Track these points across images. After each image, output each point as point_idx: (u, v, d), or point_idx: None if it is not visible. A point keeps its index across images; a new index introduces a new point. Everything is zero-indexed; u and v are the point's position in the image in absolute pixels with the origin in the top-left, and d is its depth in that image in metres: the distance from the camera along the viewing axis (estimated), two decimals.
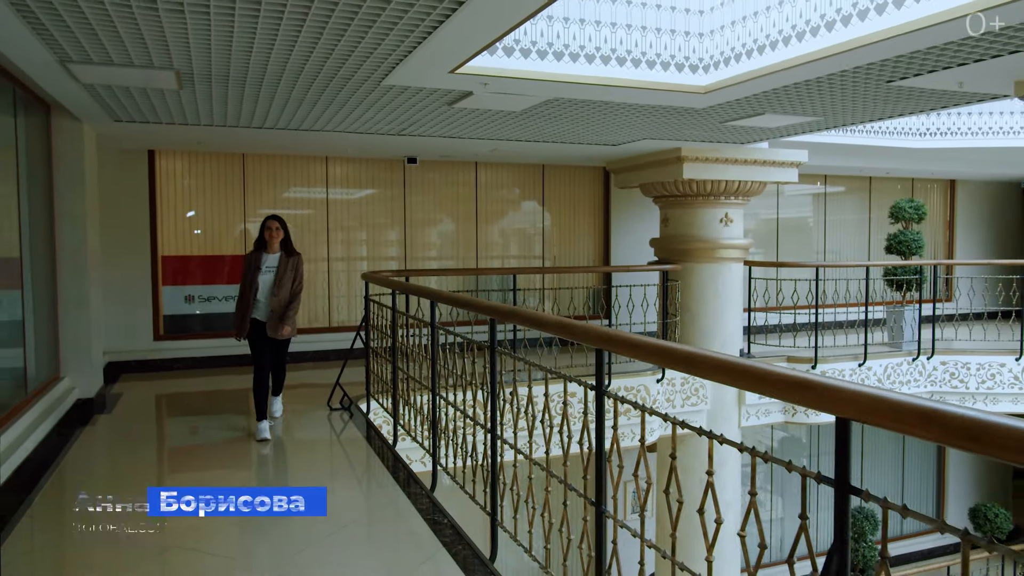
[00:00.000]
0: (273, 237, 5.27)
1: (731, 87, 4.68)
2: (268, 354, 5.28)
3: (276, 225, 5.30)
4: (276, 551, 3.42)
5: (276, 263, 5.26)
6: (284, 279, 5.21)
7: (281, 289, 5.19)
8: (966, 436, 1.24)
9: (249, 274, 5.23)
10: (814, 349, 8.07)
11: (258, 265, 5.23)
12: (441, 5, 3.19)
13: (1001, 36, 3.68)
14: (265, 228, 5.29)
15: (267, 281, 5.22)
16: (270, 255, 5.28)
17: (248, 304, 5.19)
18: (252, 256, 5.31)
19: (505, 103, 5.03)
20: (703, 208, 7.91)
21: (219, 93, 4.90)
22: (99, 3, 3.13)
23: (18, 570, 3.24)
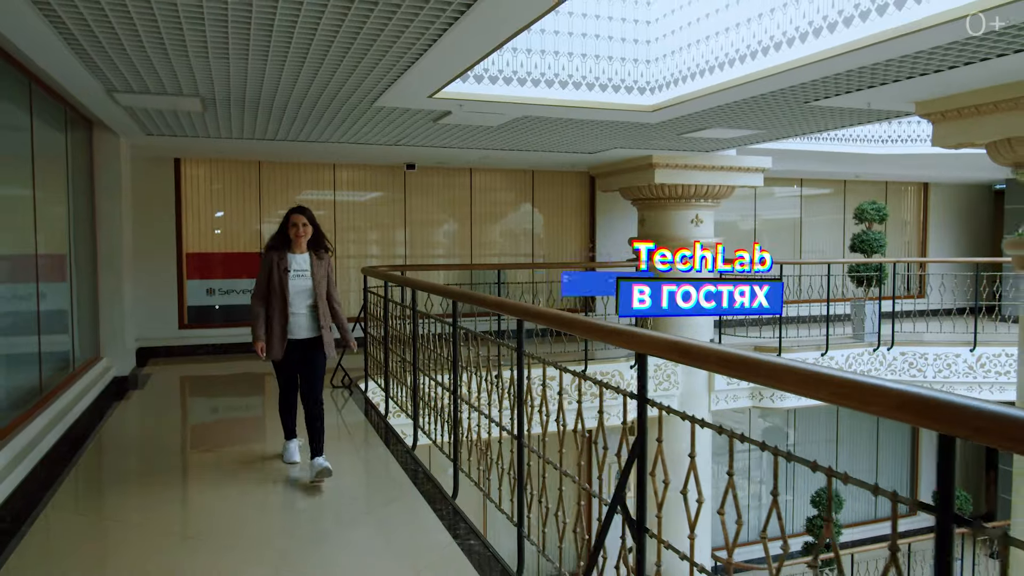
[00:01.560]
0: (300, 236, 4.31)
1: (674, 106, 5.43)
2: (304, 371, 4.32)
3: (303, 220, 4.31)
4: (288, 494, 4.23)
5: (307, 264, 4.31)
6: (321, 283, 4.31)
7: (321, 296, 4.30)
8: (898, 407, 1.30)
9: (276, 277, 4.21)
10: (778, 340, 8.77)
11: (285, 267, 4.23)
12: (417, 43, 3.97)
13: (904, 64, 4.36)
14: (290, 224, 4.31)
15: (301, 288, 4.27)
16: (297, 255, 4.32)
17: (284, 317, 4.20)
18: (273, 257, 4.25)
19: (481, 120, 5.82)
20: (675, 210, 8.65)
21: (236, 113, 5.73)
22: (141, 47, 3.96)
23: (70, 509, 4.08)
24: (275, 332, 4.20)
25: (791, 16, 4.45)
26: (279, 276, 4.22)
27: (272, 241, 4.38)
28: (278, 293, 4.21)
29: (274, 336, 4.21)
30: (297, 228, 4.31)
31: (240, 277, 8.95)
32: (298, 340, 4.27)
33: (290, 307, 4.22)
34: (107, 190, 6.79)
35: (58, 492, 4.10)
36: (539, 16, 3.45)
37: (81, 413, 5.72)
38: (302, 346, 4.29)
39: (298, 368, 4.34)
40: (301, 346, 4.28)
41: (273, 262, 4.26)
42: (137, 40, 3.76)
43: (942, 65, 4.29)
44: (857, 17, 4.00)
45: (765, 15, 4.66)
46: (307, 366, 4.31)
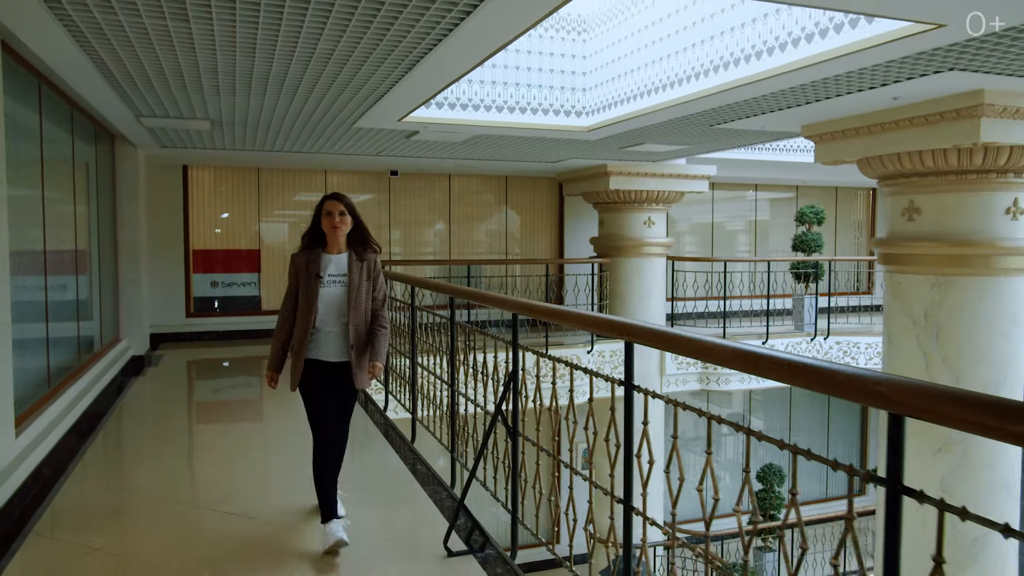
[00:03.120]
0: (337, 228, 3.34)
1: (605, 127, 6.56)
2: (334, 411, 3.40)
3: (340, 208, 3.36)
4: (289, 458, 5.38)
5: (345, 268, 3.37)
6: (360, 293, 3.37)
7: (358, 310, 3.35)
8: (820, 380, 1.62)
9: (306, 286, 3.31)
10: (722, 330, 9.91)
11: (317, 272, 3.32)
12: (388, 78, 5.08)
13: (787, 96, 5.43)
14: (324, 214, 3.36)
15: (334, 297, 3.34)
16: (333, 256, 3.38)
17: (303, 334, 3.30)
18: (303, 259, 3.36)
19: (445, 138, 6.96)
20: (629, 213, 9.78)
21: (239, 131, 6.87)
22: (166, 85, 5.09)
23: (97, 468, 5.23)
24: (294, 356, 3.32)
25: (697, 55, 5.55)
26: (308, 283, 3.28)
27: (304, 239, 3.41)
28: (306, 305, 3.26)
29: (294, 361, 3.32)
30: (332, 218, 3.31)
31: (241, 271, 10.10)
32: (329, 364, 3.33)
33: (317, 322, 3.28)
34: (127, 194, 7.94)
35: (89, 448, 5.10)
36: (479, 63, 4.57)
37: (105, 385, 6.85)
38: (333, 371, 3.34)
39: (333, 395, 3.37)
40: (332, 371, 3.34)
41: (300, 267, 3.32)
42: (164, 80, 4.90)
43: (819, 97, 5.39)
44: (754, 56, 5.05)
45: (674, 55, 5.79)
46: (342, 393, 3.41)
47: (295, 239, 10.60)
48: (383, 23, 3.50)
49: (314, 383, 3.35)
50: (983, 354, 5.45)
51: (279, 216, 10.42)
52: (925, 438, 5.52)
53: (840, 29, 4.02)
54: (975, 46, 3.81)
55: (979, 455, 5.38)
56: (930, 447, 5.52)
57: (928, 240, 5.60)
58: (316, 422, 3.38)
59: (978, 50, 3.90)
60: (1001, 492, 5.44)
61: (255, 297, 10.21)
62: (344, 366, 3.38)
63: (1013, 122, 4.96)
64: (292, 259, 3.44)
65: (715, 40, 5.27)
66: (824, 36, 4.18)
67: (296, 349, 3.34)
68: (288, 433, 5.44)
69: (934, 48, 3.78)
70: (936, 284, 5.56)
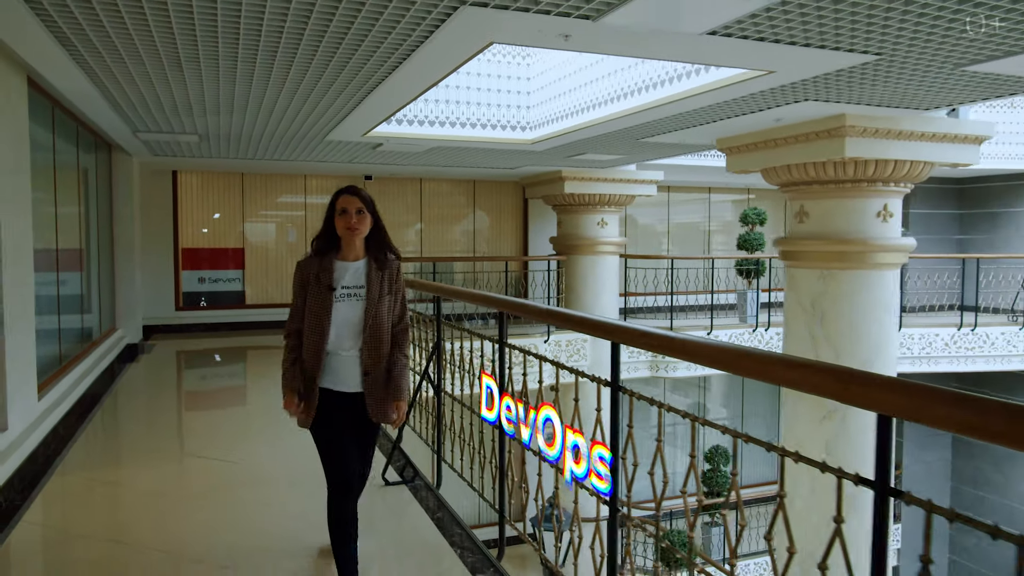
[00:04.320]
0: (354, 230, 2.83)
1: (547, 140, 7.55)
2: (354, 451, 2.91)
3: (357, 205, 2.84)
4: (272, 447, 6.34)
5: (363, 278, 2.87)
6: (381, 309, 2.87)
7: (378, 330, 2.86)
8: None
9: (316, 300, 2.82)
10: (670, 322, 10.92)
11: (329, 283, 2.82)
12: (350, 101, 6.04)
13: (690, 116, 6.41)
14: (338, 212, 2.84)
15: (350, 316, 2.84)
16: (349, 263, 2.88)
17: (315, 359, 2.81)
18: (313, 267, 2.86)
19: (407, 149, 7.94)
20: (584, 214, 10.78)
21: (224, 142, 7.83)
22: (162, 109, 6.04)
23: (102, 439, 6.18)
24: (311, 385, 2.82)
25: (619, 80, 6.53)
26: (319, 297, 2.79)
27: (315, 244, 2.91)
28: (314, 326, 2.79)
29: (312, 391, 2.82)
30: (348, 217, 2.80)
31: (227, 268, 11.05)
32: (345, 395, 2.84)
33: (329, 344, 2.79)
34: (122, 197, 8.88)
35: (90, 424, 5.90)
36: (422, 92, 5.53)
37: (103, 370, 7.78)
38: (351, 404, 2.86)
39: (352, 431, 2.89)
40: (344, 403, 2.85)
41: (309, 277, 2.83)
42: (159, 105, 5.85)
43: (715, 118, 6.39)
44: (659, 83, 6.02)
45: (602, 79, 6.78)
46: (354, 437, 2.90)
47: (279, 238, 11.75)
48: (340, 60, 4.46)
49: (330, 417, 2.82)
50: (860, 336, 6.48)
51: (262, 217, 11.37)
52: (815, 408, 6.53)
53: (708, 69, 5.02)
54: (822, 82, 4.81)
55: (855, 421, 6.40)
56: (817, 415, 6.54)
57: (815, 239, 6.62)
58: (332, 463, 2.81)
59: (826, 86, 4.90)
60: (857, 458, 6.46)
61: (240, 292, 11.15)
62: (362, 397, 2.85)
63: (874, 140, 5.98)
64: (298, 267, 2.86)
65: (630, 69, 6.27)
66: (698, 73, 5.18)
67: (307, 377, 2.80)
68: (264, 392, 6.41)
69: (775, 86, 4.79)
70: (822, 277, 6.58)
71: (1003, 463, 12.24)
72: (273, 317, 10.90)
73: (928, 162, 6.26)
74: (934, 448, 13.00)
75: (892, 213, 6.45)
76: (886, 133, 5.95)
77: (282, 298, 11.02)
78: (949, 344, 10.99)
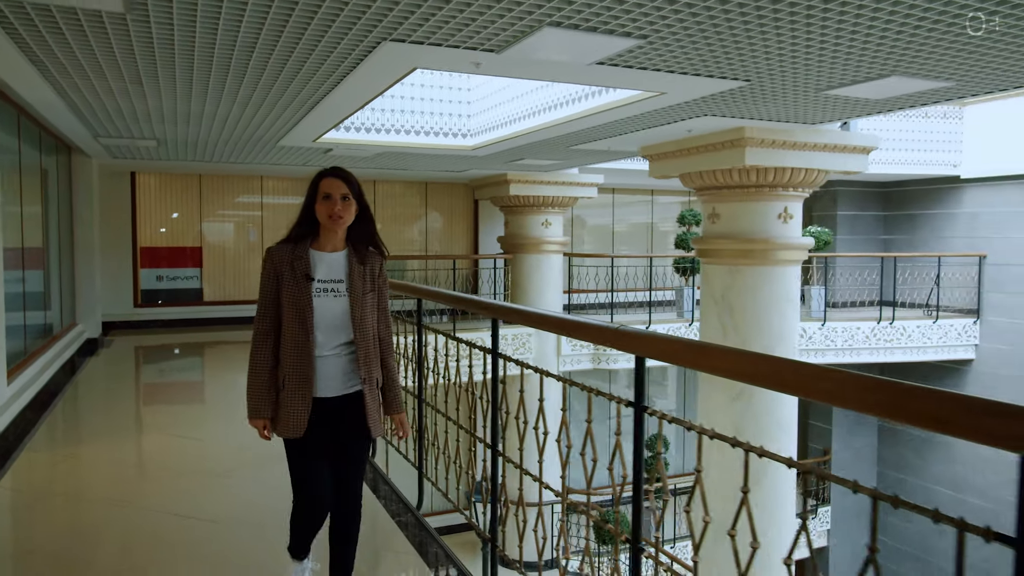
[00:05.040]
0: (337, 217, 2.54)
1: (486, 147, 8.21)
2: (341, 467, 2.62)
3: (342, 190, 2.57)
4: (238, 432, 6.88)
5: (343, 272, 2.58)
6: (365, 307, 2.59)
7: (364, 331, 2.58)
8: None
9: (293, 292, 2.51)
10: (611, 316, 11.66)
11: (306, 271, 2.52)
12: (297, 113, 6.61)
13: (624, 124, 7.11)
14: (321, 197, 2.56)
15: (333, 312, 2.55)
16: (325, 254, 2.58)
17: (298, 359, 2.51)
18: (285, 255, 2.55)
19: (356, 154, 8.53)
20: (529, 215, 11.47)
21: (181, 147, 8.33)
22: (122, 116, 6.54)
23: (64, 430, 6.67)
24: (289, 390, 2.52)
25: (548, 94, 7.20)
26: (295, 287, 2.52)
27: (292, 230, 2.61)
28: (294, 321, 2.51)
29: (289, 397, 2.52)
30: (332, 203, 2.54)
31: (185, 267, 11.49)
32: (326, 400, 2.56)
33: (314, 344, 2.52)
34: (82, 198, 9.30)
35: (51, 413, 6.32)
36: (367, 102, 6.13)
37: (64, 362, 8.22)
38: (332, 411, 2.58)
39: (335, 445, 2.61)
40: (330, 411, 2.57)
41: (284, 267, 2.54)
42: (120, 114, 6.36)
43: (632, 129, 7.10)
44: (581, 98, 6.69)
45: (536, 90, 7.45)
46: (340, 443, 2.61)
47: (237, 237, 12.26)
48: (285, 80, 5.04)
49: (314, 432, 2.51)
50: (764, 326, 7.26)
51: (220, 216, 11.83)
52: (725, 389, 7.30)
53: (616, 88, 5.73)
54: (711, 101, 5.53)
55: (761, 402, 7.18)
56: (728, 396, 7.30)
57: (724, 238, 7.39)
58: (304, 477, 2.54)
59: (715, 104, 5.63)
60: (777, 430, 7.26)
61: (198, 290, 11.60)
62: (349, 402, 2.55)
63: (771, 150, 6.76)
64: (268, 255, 2.55)
65: (555, 85, 6.96)
66: (613, 91, 5.88)
67: (290, 382, 2.49)
68: (221, 383, 6.95)
69: (672, 104, 5.52)
70: (730, 272, 7.35)
71: (922, 448, 13.24)
72: (231, 313, 11.39)
73: (822, 170, 7.06)
74: (861, 435, 13.97)
75: (792, 215, 7.24)
76: (782, 144, 6.73)
77: (239, 295, 11.50)
78: (870, 337, 11.92)
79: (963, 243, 12.56)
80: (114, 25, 3.69)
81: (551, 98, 7.12)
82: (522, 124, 7.58)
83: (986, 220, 12.24)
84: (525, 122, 7.53)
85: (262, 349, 2.58)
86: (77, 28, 3.80)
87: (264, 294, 2.59)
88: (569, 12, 3.40)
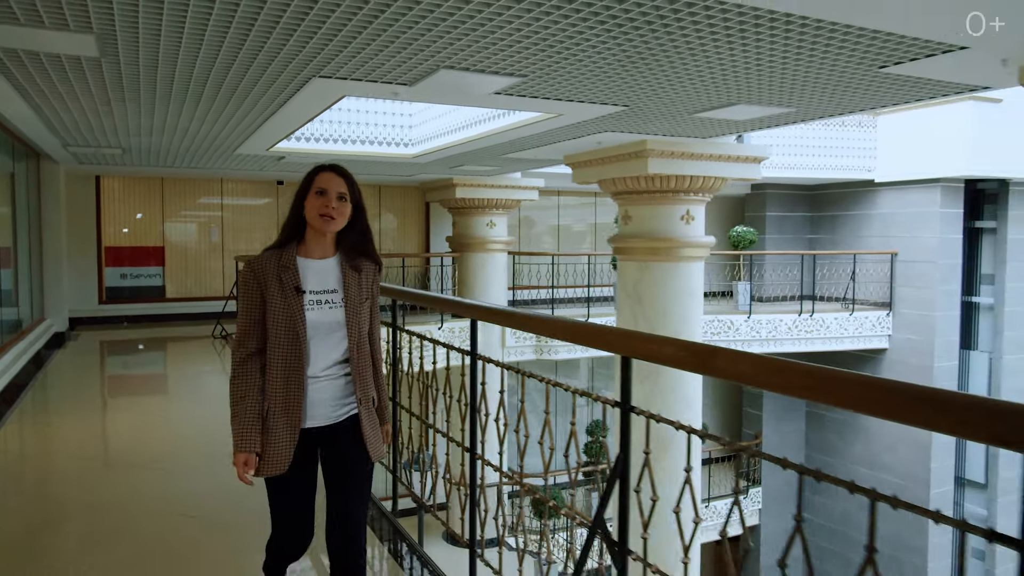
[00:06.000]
0: (330, 218, 2.30)
1: (426, 155, 9.15)
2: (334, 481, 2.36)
3: (341, 190, 2.34)
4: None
5: (336, 282, 2.33)
6: (360, 318, 2.34)
7: (362, 347, 2.35)
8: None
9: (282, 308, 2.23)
10: (551, 311, 12.66)
11: (295, 284, 2.25)
12: (248, 128, 7.47)
13: (543, 137, 8.08)
14: (314, 193, 2.32)
15: (328, 327, 2.30)
16: (314, 262, 2.33)
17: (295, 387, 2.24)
18: (271, 265, 2.27)
19: (307, 161, 9.41)
20: (475, 216, 12.43)
21: (145, 154, 9.14)
22: (91, 128, 7.35)
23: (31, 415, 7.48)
24: (278, 421, 2.22)
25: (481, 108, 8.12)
26: (284, 303, 2.23)
27: (282, 235, 2.35)
28: (284, 339, 2.22)
29: (272, 427, 2.22)
30: (327, 200, 2.29)
31: (148, 265, 12.26)
32: (318, 429, 2.30)
33: (308, 364, 2.25)
34: (50, 200, 10.06)
35: (22, 401, 7.13)
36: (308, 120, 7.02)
37: (32, 355, 8.98)
38: (323, 442, 2.34)
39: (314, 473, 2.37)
40: (321, 441, 2.34)
41: (269, 279, 2.25)
42: (89, 127, 7.18)
43: (552, 141, 8.08)
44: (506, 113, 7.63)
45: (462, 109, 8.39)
46: (338, 473, 2.35)
47: (199, 237, 13.07)
48: (236, 103, 5.93)
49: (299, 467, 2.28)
50: (669, 316, 8.30)
51: (182, 217, 12.60)
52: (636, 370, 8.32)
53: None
54: (603, 121, 6.52)
55: (667, 380, 8.21)
56: (638, 375, 8.32)
57: (636, 237, 8.42)
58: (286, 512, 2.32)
59: (608, 123, 6.62)
60: (682, 404, 8.30)
61: (160, 287, 12.36)
62: (343, 428, 2.33)
63: (671, 160, 7.80)
64: (250, 268, 2.27)
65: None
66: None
67: (280, 412, 2.22)
68: (182, 373, 7.80)
69: (572, 123, 6.51)
70: (640, 267, 8.39)
71: (844, 431, 14.47)
72: (193, 310, 12.18)
73: (719, 177, 8.13)
74: (790, 420, 15.17)
75: (694, 217, 8.30)
76: (680, 155, 7.78)
77: (200, 292, 12.31)
78: (792, 328, 13.09)
79: (878, 242, 13.80)
80: (90, 65, 4.57)
81: (480, 113, 8.08)
82: (455, 136, 8.54)
83: (898, 221, 13.48)
84: (458, 134, 8.49)
85: (248, 372, 2.22)
86: (58, 66, 4.66)
87: (246, 312, 2.24)
88: (458, 59, 4.36)
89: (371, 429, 2.37)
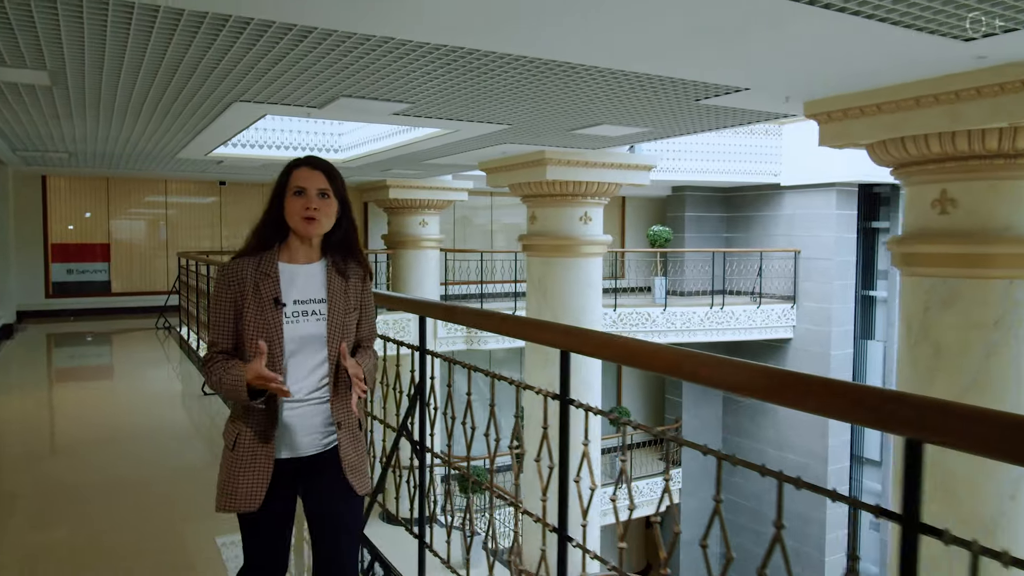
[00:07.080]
0: (312, 220, 2.09)
1: (354, 160, 10.14)
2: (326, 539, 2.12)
3: (322, 186, 2.14)
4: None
5: (322, 289, 2.12)
6: (347, 330, 2.12)
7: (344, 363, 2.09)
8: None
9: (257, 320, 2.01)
10: (480, 304, 13.75)
11: (274, 295, 2.03)
12: (186, 138, 8.36)
13: (455, 147, 9.13)
14: (292, 192, 2.12)
15: (307, 342, 2.07)
16: (299, 268, 2.12)
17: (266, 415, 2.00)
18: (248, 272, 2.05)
19: (245, 164, 10.34)
20: (408, 216, 13.44)
21: (91, 157, 9.96)
22: (39, 136, 8.18)
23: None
24: (248, 450, 1.99)
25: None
26: (261, 317, 2.01)
27: (255, 237, 2.13)
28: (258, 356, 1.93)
29: (240, 458, 2.00)
30: (307, 200, 2.09)
31: (94, 261, 13.00)
32: (296, 460, 2.07)
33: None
34: None
35: None
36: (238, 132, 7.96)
37: None
38: (301, 475, 2.10)
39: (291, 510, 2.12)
40: (299, 475, 2.09)
41: (246, 287, 2.03)
42: (38, 134, 8.02)
43: (461, 151, 9.14)
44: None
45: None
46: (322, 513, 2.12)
47: (147, 234, 13.86)
48: (172, 118, 6.85)
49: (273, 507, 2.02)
50: (571, 305, 9.45)
51: (127, 215, 13.37)
52: (540, 354, 9.44)
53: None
54: (501, 134, 7.61)
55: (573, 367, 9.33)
56: (543, 360, 9.45)
57: (541, 235, 9.55)
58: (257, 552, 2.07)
59: (505, 136, 7.71)
60: (585, 388, 9.45)
61: (106, 282, 13.12)
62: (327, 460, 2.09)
63: (568, 167, 8.94)
64: (224, 274, 2.06)
65: None
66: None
67: (251, 439, 1.99)
68: (129, 360, 8.67)
69: (471, 137, 7.59)
70: (545, 263, 9.52)
71: (756, 416, 15.86)
72: (137, 304, 12.97)
73: (613, 183, 9.30)
74: (707, 405, 16.52)
75: (591, 218, 9.46)
76: (576, 163, 8.92)
77: (145, 286, 13.11)
78: (704, 320, 14.39)
79: (784, 240, 15.20)
80: (42, 91, 5.49)
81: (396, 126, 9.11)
82: (377, 144, 9.56)
83: (800, 221, 14.89)
84: (379, 143, 9.52)
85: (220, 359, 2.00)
86: (14, 91, 5.57)
87: (217, 327, 2.03)
88: (354, 89, 5.40)
89: (356, 456, 2.09)
